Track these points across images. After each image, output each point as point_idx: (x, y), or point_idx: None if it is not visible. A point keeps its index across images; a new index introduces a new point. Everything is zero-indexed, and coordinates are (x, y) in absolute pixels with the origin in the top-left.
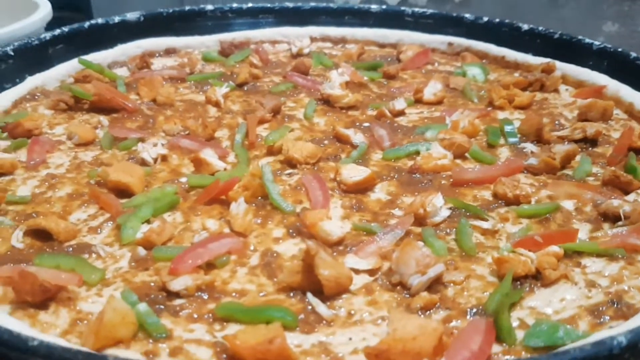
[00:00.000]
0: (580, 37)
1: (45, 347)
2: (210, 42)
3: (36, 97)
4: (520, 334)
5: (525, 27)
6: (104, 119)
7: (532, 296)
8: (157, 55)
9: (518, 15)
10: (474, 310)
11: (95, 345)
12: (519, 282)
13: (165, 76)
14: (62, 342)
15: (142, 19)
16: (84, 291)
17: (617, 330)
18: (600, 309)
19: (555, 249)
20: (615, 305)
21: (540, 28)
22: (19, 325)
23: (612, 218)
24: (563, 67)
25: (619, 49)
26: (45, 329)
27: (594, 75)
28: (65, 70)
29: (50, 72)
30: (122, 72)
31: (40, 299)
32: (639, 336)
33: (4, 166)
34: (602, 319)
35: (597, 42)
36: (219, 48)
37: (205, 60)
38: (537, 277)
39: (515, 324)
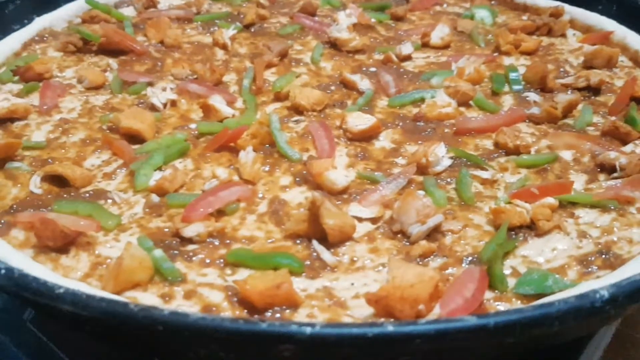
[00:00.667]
0: None
1: (70, 295)
2: None
3: (45, 38)
4: (512, 282)
5: None
6: (112, 62)
7: (525, 245)
8: None
9: None
10: (470, 258)
11: (115, 289)
12: (513, 232)
13: (172, 16)
14: (84, 287)
15: None
16: (101, 236)
17: (601, 282)
18: (590, 258)
19: (550, 200)
20: (604, 256)
21: None
22: (43, 269)
23: (609, 169)
24: (571, 11)
25: None
26: (67, 272)
27: (602, 20)
28: (72, 10)
29: (58, 13)
30: (128, 11)
31: (61, 244)
32: (620, 290)
33: (17, 111)
34: (590, 269)
35: None
36: None
37: None
38: (532, 227)
39: (508, 272)
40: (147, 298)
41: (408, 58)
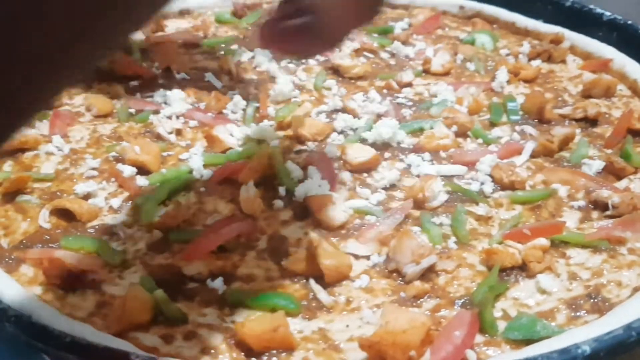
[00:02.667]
0: (591, 6)
1: (77, 345)
2: (223, 2)
3: None
4: (502, 325)
5: None
6: (120, 88)
7: (516, 287)
8: (171, 16)
9: None
10: (462, 300)
11: (117, 330)
12: (505, 273)
13: (179, 41)
14: (89, 329)
15: None
16: (106, 273)
17: (589, 329)
18: (578, 302)
19: (542, 241)
20: (593, 300)
21: None
22: (50, 310)
23: (602, 207)
24: (572, 37)
25: (629, 22)
26: (73, 311)
27: (602, 47)
28: None
29: None
30: (137, 35)
31: (67, 282)
32: (602, 344)
33: (28, 142)
34: (579, 313)
35: (607, 13)
36: (232, 8)
37: (219, 22)
38: (523, 268)
39: (498, 314)
40: (149, 339)
41: (409, 85)
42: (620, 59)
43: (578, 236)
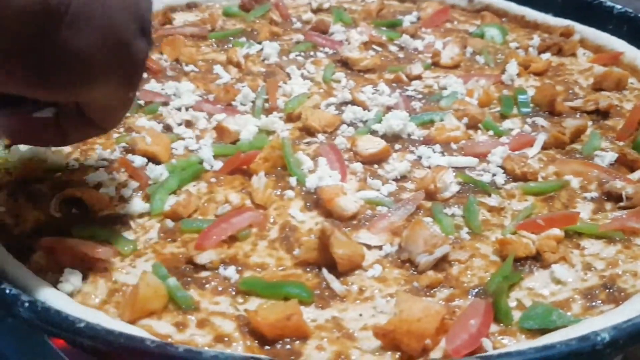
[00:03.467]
0: None
1: (90, 329)
2: None
3: None
4: (517, 314)
5: None
6: None
7: (531, 277)
8: (178, 9)
9: None
10: (476, 290)
11: (131, 318)
12: (519, 263)
13: (187, 34)
14: (103, 316)
15: None
16: (118, 261)
17: (605, 318)
18: (594, 292)
19: (556, 231)
20: (608, 290)
21: None
22: (63, 297)
23: (615, 198)
24: (582, 31)
25: None
26: (85, 299)
27: (613, 40)
28: None
29: None
30: None
31: (79, 269)
32: (621, 332)
33: None
34: (594, 303)
35: (618, 6)
36: (240, 2)
37: (226, 15)
38: (537, 259)
39: (513, 304)
40: (162, 326)
41: (418, 77)
42: (631, 52)
43: (592, 227)
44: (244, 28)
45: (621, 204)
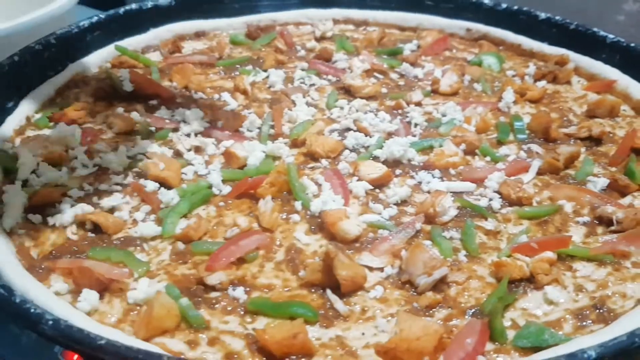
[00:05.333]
0: (595, 29)
1: (111, 346)
2: (237, 24)
3: (77, 84)
4: (511, 334)
5: (543, 16)
6: (140, 108)
7: (525, 298)
8: (187, 38)
9: None
10: (473, 310)
11: (145, 336)
12: (514, 285)
13: (195, 61)
14: (119, 334)
15: (173, 3)
16: (132, 282)
17: (594, 337)
18: (585, 312)
19: (549, 254)
20: (598, 310)
21: (557, 17)
22: (81, 316)
23: (607, 222)
24: (577, 59)
25: (632, 44)
26: (102, 318)
27: (606, 69)
28: (103, 56)
29: (90, 59)
30: (155, 56)
31: (96, 290)
32: (607, 350)
33: (54, 158)
34: (585, 323)
35: (611, 36)
36: (246, 30)
37: (233, 43)
38: (531, 280)
39: (507, 324)
40: (175, 344)
41: (418, 104)
42: (624, 80)
43: (583, 250)
44: (251, 56)
45: (612, 227)
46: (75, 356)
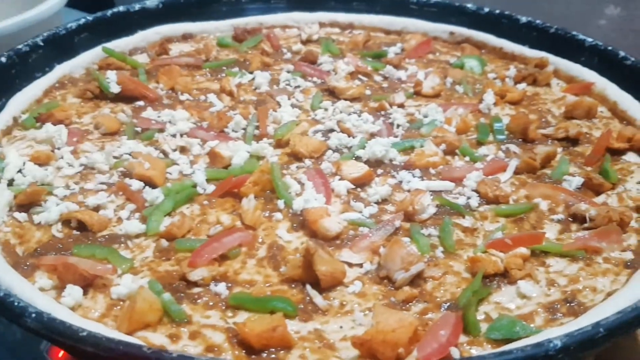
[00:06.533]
0: (574, 32)
1: (92, 337)
2: (224, 26)
3: (64, 85)
4: (484, 326)
5: (524, 19)
6: (127, 109)
7: (498, 292)
8: (174, 40)
9: None
10: (448, 304)
11: (128, 329)
12: (488, 280)
13: (182, 63)
14: (102, 328)
15: (160, 5)
16: (116, 278)
17: (564, 329)
18: (556, 306)
19: (522, 250)
20: (569, 304)
21: (537, 21)
22: (65, 311)
23: (580, 219)
24: (556, 62)
25: (609, 47)
26: (85, 313)
27: (584, 71)
28: (90, 58)
29: (77, 60)
30: (142, 58)
31: (80, 285)
32: (572, 339)
33: (40, 158)
34: (555, 316)
35: (589, 39)
36: (233, 33)
37: (220, 46)
38: (505, 275)
39: (481, 317)
40: (157, 338)
41: (401, 106)
42: (601, 83)
43: (556, 246)
44: (237, 58)
45: (585, 225)
46: (61, 353)
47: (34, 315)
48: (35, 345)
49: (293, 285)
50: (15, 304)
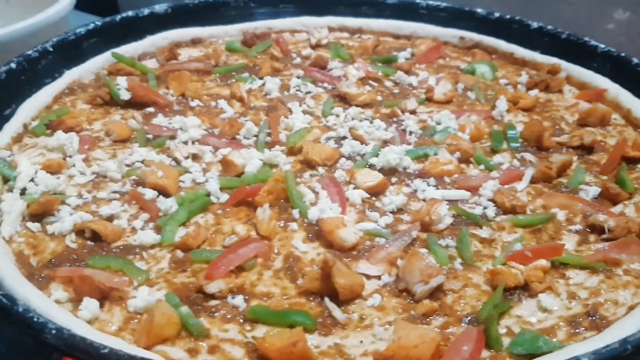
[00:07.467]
0: (586, 38)
1: (114, 355)
2: (233, 31)
3: (74, 91)
4: (506, 341)
5: (535, 25)
6: (137, 115)
7: (519, 306)
8: (183, 45)
9: None
10: (469, 318)
11: (146, 344)
12: (509, 293)
13: (192, 69)
14: (120, 343)
15: (169, 10)
16: (132, 290)
17: (587, 344)
18: (578, 320)
19: (542, 262)
20: (591, 317)
21: (549, 27)
22: (82, 325)
23: (599, 230)
24: (568, 68)
25: (622, 54)
26: (102, 326)
27: (597, 78)
28: (99, 63)
29: (86, 66)
30: (151, 63)
31: (96, 298)
32: (600, 357)
33: (52, 166)
34: (578, 330)
35: (602, 45)
36: (242, 37)
37: (229, 50)
38: (526, 288)
39: (503, 331)
40: (175, 352)
41: (413, 112)
42: (614, 89)
43: (576, 258)
44: (247, 63)
45: (604, 235)
46: None
47: (54, 331)
48: (47, 355)
49: (311, 298)
50: (35, 319)
